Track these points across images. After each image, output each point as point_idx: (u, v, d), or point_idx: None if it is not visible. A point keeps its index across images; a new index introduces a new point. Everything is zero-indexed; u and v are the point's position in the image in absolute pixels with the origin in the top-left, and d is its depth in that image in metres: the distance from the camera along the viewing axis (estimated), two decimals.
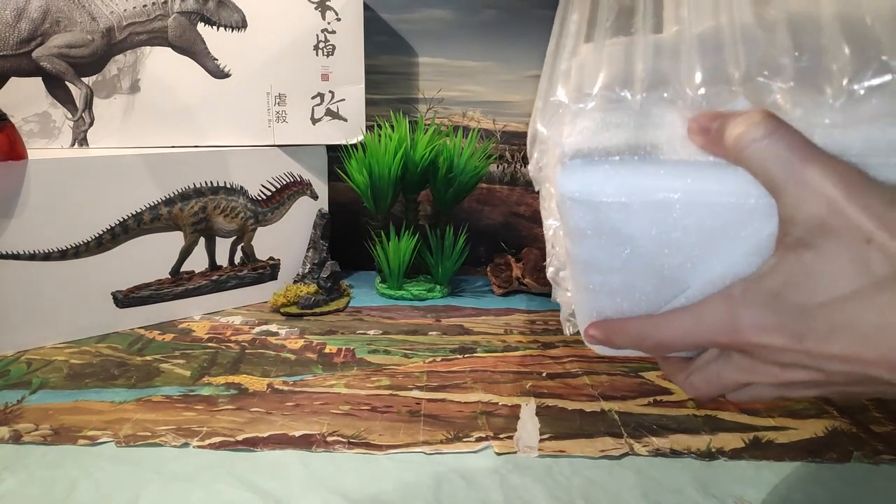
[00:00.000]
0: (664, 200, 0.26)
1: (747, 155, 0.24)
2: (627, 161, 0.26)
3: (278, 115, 0.71)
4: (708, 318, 0.26)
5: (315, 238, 0.76)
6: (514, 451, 0.45)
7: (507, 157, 0.85)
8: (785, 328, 0.24)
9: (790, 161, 0.23)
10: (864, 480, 0.43)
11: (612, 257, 0.28)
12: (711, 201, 0.25)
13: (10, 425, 0.47)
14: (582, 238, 0.28)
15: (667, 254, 0.27)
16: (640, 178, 0.26)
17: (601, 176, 0.26)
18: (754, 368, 0.26)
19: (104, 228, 0.61)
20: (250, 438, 0.46)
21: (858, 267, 0.22)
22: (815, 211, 0.22)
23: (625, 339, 0.30)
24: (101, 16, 0.65)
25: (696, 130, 0.25)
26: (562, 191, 0.27)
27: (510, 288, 0.78)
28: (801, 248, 0.23)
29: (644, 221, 0.26)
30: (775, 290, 0.24)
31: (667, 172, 0.26)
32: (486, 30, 0.80)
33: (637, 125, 0.27)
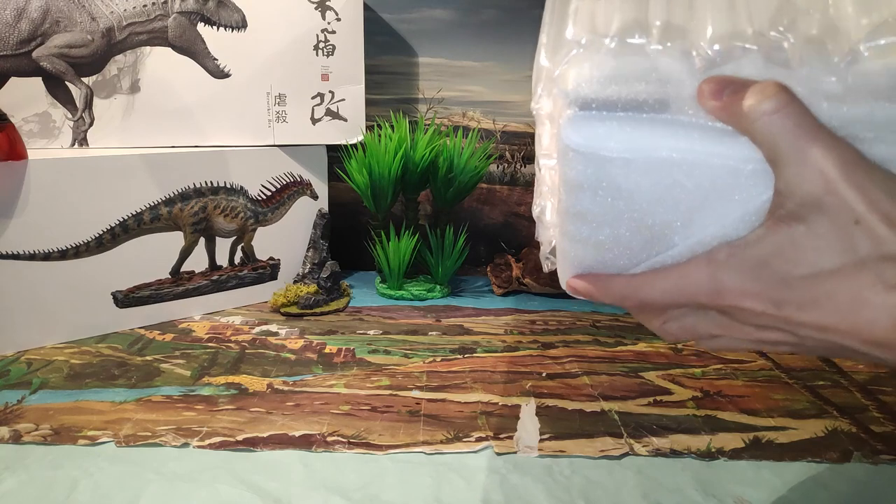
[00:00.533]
0: (666, 159, 0.26)
1: (756, 126, 0.24)
2: (635, 118, 0.26)
3: (278, 115, 0.71)
4: (691, 280, 0.27)
5: (315, 238, 0.76)
6: (514, 451, 0.45)
7: (507, 157, 0.85)
8: (766, 295, 0.25)
9: (796, 137, 0.23)
10: (864, 480, 0.43)
11: (605, 211, 0.28)
12: (712, 163, 0.26)
13: (10, 425, 0.47)
14: (579, 190, 0.28)
15: (660, 211, 0.27)
16: (645, 135, 0.26)
17: (607, 131, 0.26)
18: (731, 326, 0.28)
19: (104, 228, 0.61)
20: (250, 438, 0.46)
21: (844, 245, 0.23)
22: (812, 188, 0.23)
23: (607, 296, 0.30)
24: (101, 16, 0.65)
25: (707, 94, 0.25)
26: (566, 142, 0.27)
27: (510, 288, 0.78)
28: (792, 221, 0.24)
29: (643, 178, 0.26)
30: (761, 257, 0.25)
31: (673, 132, 0.26)
32: (486, 30, 0.80)
33: (647, 79, 0.26)
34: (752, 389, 0.54)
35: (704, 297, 0.27)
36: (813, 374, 0.57)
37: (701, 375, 0.57)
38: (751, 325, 0.27)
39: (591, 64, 0.27)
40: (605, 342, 0.64)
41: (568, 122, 0.27)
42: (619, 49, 0.27)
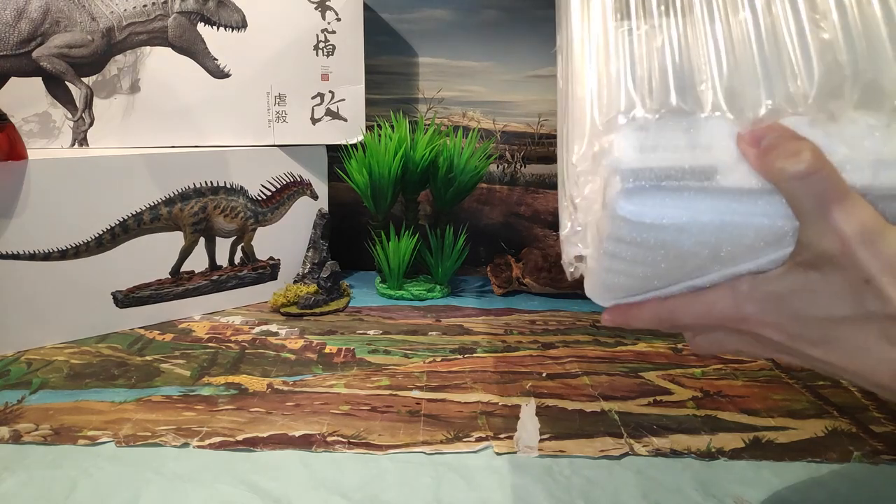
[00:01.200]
0: (712, 221, 0.27)
1: (784, 186, 0.26)
2: (685, 188, 0.27)
3: (278, 115, 0.71)
4: (718, 307, 0.29)
5: (315, 238, 0.76)
6: (514, 451, 0.45)
7: (507, 157, 0.85)
8: (782, 327, 0.28)
9: (820, 201, 0.25)
10: (864, 480, 0.43)
11: (644, 258, 0.29)
12: (754, 223, 0.27)
13: (10, 425, 0.47)
14: (624, 243, 0.29)
15: (697, 260, 0.29)
16: (695, 203, 0.27)
17: (657, 201, 0.27)
18: (752, 345, 0.30)
19: (104, 228, 0.61)
20: (250, 438, 0.46)
21: (855, 298, 0.25)
22: (830, 247, 0.25)
23: (641, 323, 0.32)
24: (101, 16, 0.65)
25: (747, 140, 0.27)
26: (619, 212, 0.27)
27: (510, 288, 0.78)
28: (809, 269, 0.26)
29: (687, 237, 0.28)
30: (779, 294, 0.27)
31: (719, 197, 0.27)
32: (486, 30, 0.80)
33: (695, 145, 0.27)
34: (752, 389, 0.54)
35: (730, 322, 0.29)
36: (813, 374, 0.57)
37: (701, 375, 0.57)
38: (769, 347, 0.29)
39: (641, 135, 0.28)
40: (605, 342, 0.64)
41: (619, 195, 0.27)
42: (667, 118, 0.28)
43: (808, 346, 0.27)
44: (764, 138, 0.26)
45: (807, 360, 0.29)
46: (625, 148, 0.27)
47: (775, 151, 0.25)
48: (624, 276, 0.31)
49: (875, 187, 0.26)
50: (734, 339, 0.31)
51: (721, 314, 0.29)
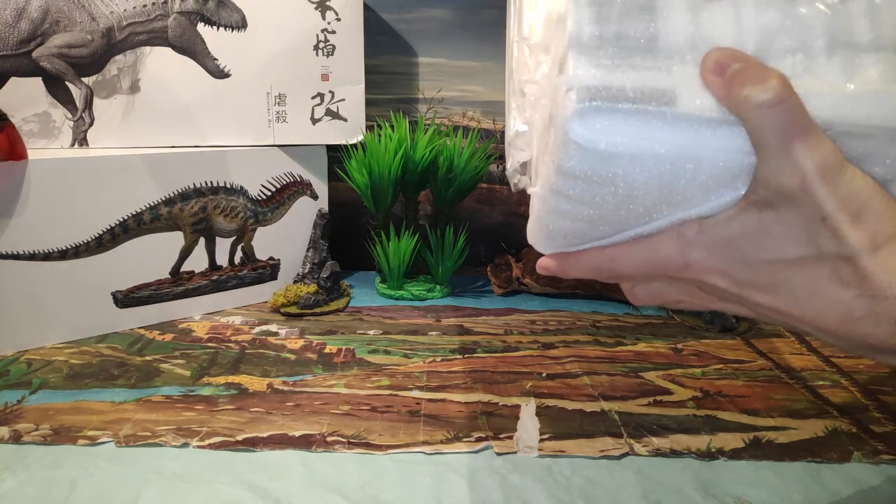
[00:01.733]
0: (668, 153, 0.26)
1: (748, 115, 0.24)
2: (642, 112, 0.25)
3: (278, 115, 0.71)
4: (661, 254, 0.28)
5: (315, 238, 0.76)
6: (514, 451, 0.45)
7: None
8: (729, 273, 0.27)
9: (784, 133, 0.24)
10: (864, 480, 0.43)
11: (593, 196, 0.27)
12: (712, 157, 0.26)
13: (10, 425, 0.47)
14: (573, 178, 0.27)
15: (651, 198, 0.27)
16: (651, 130, 0.25)
17: (613, 125, 0.25)
18: (695, 294, 0.30)
19: (104, 228, 0.61)
20: (250, 438, 0.46)
21: (809, 238, 0.25)
22: (788, 182, 0.24)
23: (580, 272, 0.31)
24: (101, 16, 0.65)
25: (711, 67, 0.25)
26: (571, 135, 0.26)
27: (510, 288, 0.78)
28: (764, 207, 0.25)
29: (640, 170, 0.26)
30: (729, 237, 0.26)
31: (678, 126, 0.25)
32: (486, 30, 0.80)
33: (654, 65, 0.26)
34: (752, 389, 0.54)
35: (672, 270, 0.28)
36: (813, 374, 0.57)
37: (701, 375, 0.57)
38: (713, 295, 0.29)
39: (599, 52, 0.26)
40: (605, 342, 0.64)
41: (573, 116, 0.25)
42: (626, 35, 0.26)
43: (755, 292, 0.27)
44: (729, 66, 0.25)
45: (752, 308, 0.28)
46: (580, 63, 0.26)
47: (741, 79, 0.24)
48: (570, 219, 0.29)
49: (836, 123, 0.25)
50: (675, 289, 0.30)
51: (664, 261, 0.28)
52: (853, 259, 0.24)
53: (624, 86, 0.25)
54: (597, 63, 0.26)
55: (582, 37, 0.26)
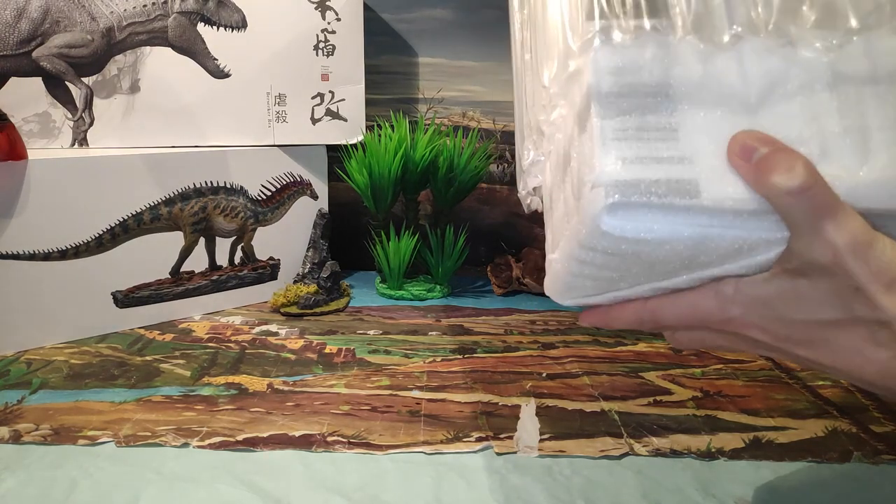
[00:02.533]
0: (695, 235, 0.26)
1: (778, 200, 0.25)
2: (669, 204, 0.26)
3: (278, 115, 0.71)
4: (701, 309, 0.29)
5: (315, 238, 0.76)
6: (514, 451, 0.45)
7: (507, 157, 0.85)
8: (768, 330, 0.28)
9: (814, 215, 0.25)
10: (864, 480, 0.43)
11: (617, 264, 0.28)
12: (738, 235, 0.27)
13: (10, 425, 0.47)
14: (598, 252, 0.28)
15: (673, 265, 0.28)
16: (678, 218, 0.26)
17: (641, 218, 0.26)
18: (735, 343, 0.31)
19: (104, 228, 0.61)
20: (250, 438, 0.46)
21: (843, 304, 0.26)
22: (821, 256, 0.25)
23: (622, 324, 0.32)
24: (101, 16, 0.65)
25: (737, 151, 0.26)
26: (602, 227, 0.26)
27: (510, 288, 0.78)
28: (798, 275, 0.26)
29: (667, 248, 0.27)
30: (765, 298, 0.28)
31: (705, 212, 0.26)
32: (486, 30, 0.80)
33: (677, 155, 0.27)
34: (752, 389, 0.54)
35: (714, 323, 0.30)
36: (813, 374, 0.57)
37: (701, 375, 0.57)
38: (754, 346, 0.30)
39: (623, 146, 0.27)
40: (605, 342, 0.64)
41: (602, 211, 0.26)
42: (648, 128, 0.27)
43: (795, 346, 0.28)
44: (755, 150, 0.26)
45: (793, 359, 0.29)
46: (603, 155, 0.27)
47: (768, 166, 0.25)
48: (590, 279, 0.30)
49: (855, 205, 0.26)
50: (717, 337, 0.31)
51: (705, 316, 0.29)
52: (889, 324, 0.25)
53: (649, 179, 0.26)
54: (622, 157, 0.26)
55: (606, 133, 0.27)
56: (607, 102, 0.27)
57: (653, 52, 0.27)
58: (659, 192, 0.26)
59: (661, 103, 0.27)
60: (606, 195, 0.26)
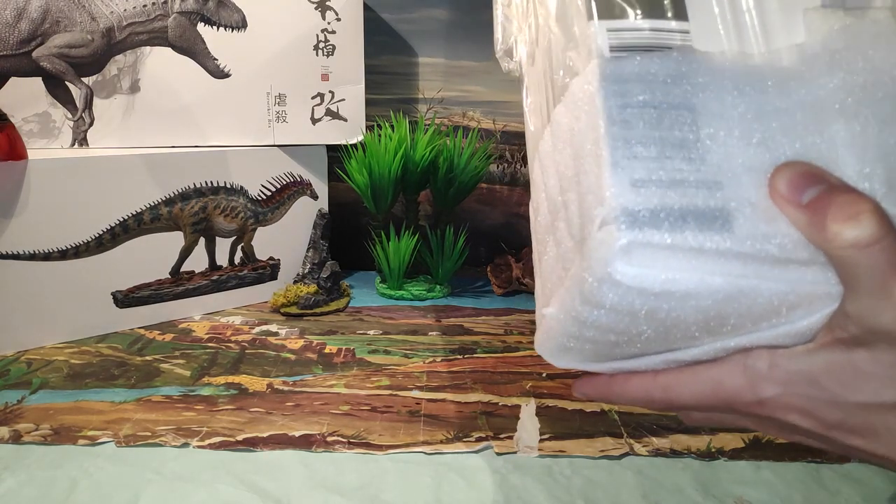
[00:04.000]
0: (725, 284, 0.21)
1: (836, 253, 0.21)
2: (695, 248, 0.21)
3: (278, 115, 0.71)
4: (727, 389, 0.24)
5: (315, 238, 0.76)
6: (514, 451, 0.45)
7: (507, 157, 0.85)
8: (814, 413, 0.23)
9: (882, 273, 0.20)
10: (865, 480, 0.43)
11: (627, 326, 0.23)
12: (777, 289, 0.21)
13: (10, 425, 0.47)
14: (603, 311, 0.23)
15: (695, 327, 0.23)
16: (707, 261, 0.21)
17: (663, 261, 0.21)
18: (767, 428, 0.26)
19: (104, 228, 0.61)
20: (250, 438, 0.46)
21: None
22: (888, 323, 0.21)
23: (625, 401, 0.27)
24: (101, 16, 0.65)
25: (781, 188, 0.21)
26: (613, 275, 0.21)
27: (510, 288, 0.78)
28: (855, 346, 0.22)
29: (690, 307, 0.22)
30: (810, 375, 0.23)
31: (738, 257, 0.21)
32: (486, 30, 0.80)
33: (703, 178, 0.22)
34: None
35: (741, 406, 0.24)
36: None
37: None
38: (790, 431, 0.25)
39: (637, 166, 0.22)
40: None
41: (616, 255, 0.21)
42: (667, 141, 0.22)
43: (848, 435, 0.23)
44: (805, 189, 0.21)
45: (842, 449, 0.24)
46: (615, 182, 0.21)
47: (825, 210, 0.20)
48: (591, 343, 0.25)
49: None
50: (744, 420, 0.26)
51: (731, 397, 0.24)
52: None
53: (671, 209, 0.21)
54: (637, 181, 0.21)
55: (618, 150, 0.22)
56: (620, 113, 0.22)
57: (674, 57, 0.23)
58: (683, 227, 0.21)
59: (683, 115, 0.22)
60: (620, 233, 0.21)
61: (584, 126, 0.24)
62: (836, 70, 0.23)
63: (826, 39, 0.23)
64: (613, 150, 0.22)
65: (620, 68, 0.23)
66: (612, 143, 0.22)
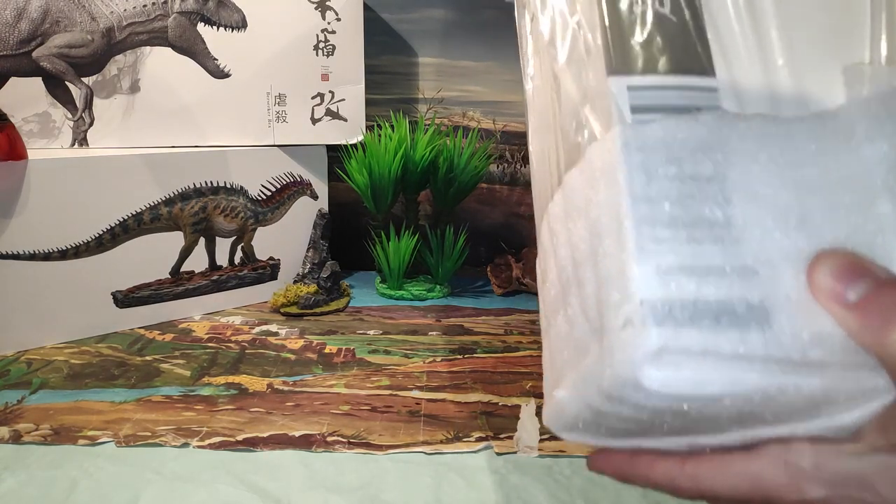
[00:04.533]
0: (760, 386, 0.19)
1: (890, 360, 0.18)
2: (730, 349, 0.19)
3: (278, 115, 0.71)
4: (766, 483, 0.22)
5: (315, 238, 0.76)
6: (514, 451, 0.45)
7: (507, 157, 0.85)
8: None
9: None
10: None
11: (651, 418, 0.21)
12: (815, 385, 0.19)
13: (10, 425, 0.47)
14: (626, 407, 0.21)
15: (726, 423, 0.21)
16: (743, 364, 0.19)
17: (696, 366, 0.19)
18: None
19: (104, 228, 0.61)
20: (250, 438, 0.46)
21: None
22: None
23: (647, 484, 0.25)
24: (101, 16, 0.65)
25: (822, 284, 0.19)
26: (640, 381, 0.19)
27: (510, 288, 0.78)
28: None
29: (722, 406, 0.20)
30: (864, 478, 0.20)
31: (776, 356, 0.19)
32: (486, 30, 0.80)
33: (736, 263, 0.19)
34: None
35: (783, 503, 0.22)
36: None
37: None
38: None
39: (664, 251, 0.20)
40: None
41: (643, 361, 0.19)
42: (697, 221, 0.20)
43: None
44: (850, 286, 0.18)
45: None
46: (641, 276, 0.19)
47: (880, 311, 0.18)
48: (607, 426, 0.23)
49: None
50: None
51: (770, 492, 0.21)
52: None
53: (704, 303, 0.19)
54: (666, 269, 0.19)
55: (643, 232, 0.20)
56: (644, 190, 0.20)
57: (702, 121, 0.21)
58: (716, 327, 0.19)
59: (714, 191, 0.20)
60: (647, 336, 0.19)
61: (604, 199, 0.21)
62: (879, 138, 0.20)
63: (869, 101, 0.21)
64: (638, 233, 0.20)
65: (644, 136, 0.21)
66: (636, 226, 0.20)
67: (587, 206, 0.22)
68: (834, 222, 0.20)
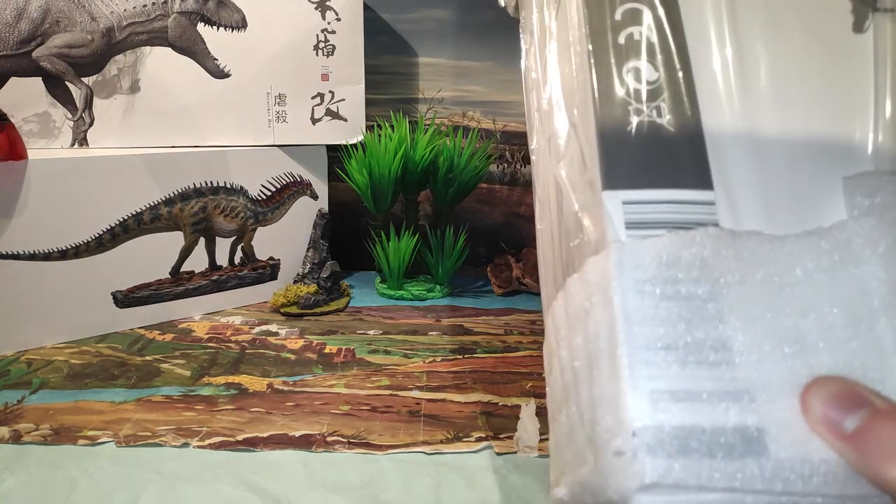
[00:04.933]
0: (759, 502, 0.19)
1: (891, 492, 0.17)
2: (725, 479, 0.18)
3: (278, 115, 0.71)
4: None
5: (315, 238, 0.76)
6: (514, 451, 0.45)
7: (508, 157, 0.85)
8: None
9: None
10: None
11: None
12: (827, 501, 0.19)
13: (10, 425, 0.47)
14: None
15: None
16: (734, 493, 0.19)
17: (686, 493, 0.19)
18: None
19: (104, 228, 0.61)
20: (250, 438, 0.46)
21: None
22: None
23: None
24: (101, 16, 0.65)
25: (816, 413, 0.18)
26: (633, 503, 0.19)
27: (510, 288, 0.78)
28: None
29: None
30: None
31: (772, 484, 0.18)
32: (486, 30, 0.80)
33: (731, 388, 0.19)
34: None
35: None
36: None
37: None
38: None
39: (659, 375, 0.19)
40: None
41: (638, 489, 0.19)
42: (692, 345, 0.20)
43: None
44: (845, 415, 0.18)
45: None
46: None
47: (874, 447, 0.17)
48: None
49: None
50: None
51: None
52: None
53: (697, 432, 0.19)
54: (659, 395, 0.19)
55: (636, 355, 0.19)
56: (638, 311, 0.20)
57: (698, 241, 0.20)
58: (711, 456, 0.18)
59: (709, 311, 0.20)
60: (640, 467, 0.18)
61: (598, 317, 0.21)
62: (876, 257, 0.20)
63: (867, 217, 0.20)
64: (631, 359, 0.19)
65: (639, 254, 0.20)
66: (630, 352, 0.19)
67: (585, 318, 0.22)
68: (830, 345, 0.19)
